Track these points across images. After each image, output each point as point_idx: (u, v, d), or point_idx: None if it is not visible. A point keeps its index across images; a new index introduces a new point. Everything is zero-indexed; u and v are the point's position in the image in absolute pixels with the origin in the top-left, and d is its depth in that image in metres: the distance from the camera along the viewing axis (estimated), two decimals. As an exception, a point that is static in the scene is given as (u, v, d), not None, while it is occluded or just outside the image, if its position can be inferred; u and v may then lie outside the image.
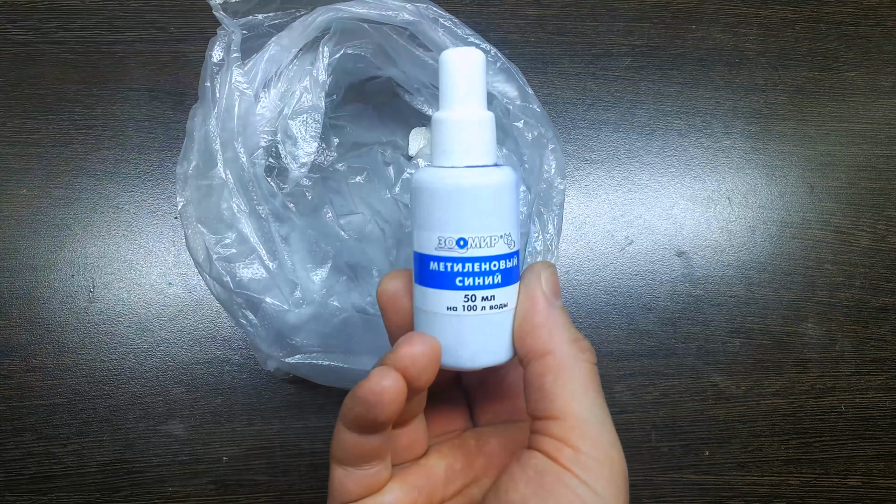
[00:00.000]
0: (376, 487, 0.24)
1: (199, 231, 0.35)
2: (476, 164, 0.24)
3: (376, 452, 0.24)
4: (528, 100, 0.36)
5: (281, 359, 0.36)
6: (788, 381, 0.47)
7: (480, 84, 0.24)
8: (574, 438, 0.22)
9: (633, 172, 0.48)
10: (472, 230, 0.23)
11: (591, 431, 0.22)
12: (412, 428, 0.26)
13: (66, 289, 0.44)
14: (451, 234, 0.23)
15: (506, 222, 0.23)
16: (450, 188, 0.23)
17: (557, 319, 0.23)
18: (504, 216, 0.23)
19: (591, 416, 0.22)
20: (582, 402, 0.22)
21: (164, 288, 0.44)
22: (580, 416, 0.22)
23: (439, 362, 0.23)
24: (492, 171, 0.23)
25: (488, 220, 0.23)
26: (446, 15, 0.36)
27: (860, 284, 0.48)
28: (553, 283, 0.24)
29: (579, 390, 0.23)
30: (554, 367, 0.23)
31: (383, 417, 0.22)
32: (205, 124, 0.35)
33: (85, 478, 0.43)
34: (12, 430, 0.43)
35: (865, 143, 0.50)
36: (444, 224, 0.23)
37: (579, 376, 0.23)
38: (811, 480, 0.46)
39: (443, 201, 0.23)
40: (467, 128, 0.24)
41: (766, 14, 0.51)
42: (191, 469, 0.43)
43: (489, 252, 0.23)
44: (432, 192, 0.23)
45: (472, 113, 0.24)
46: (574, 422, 0.22)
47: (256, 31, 0.37)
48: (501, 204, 0.23)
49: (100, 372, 0.43)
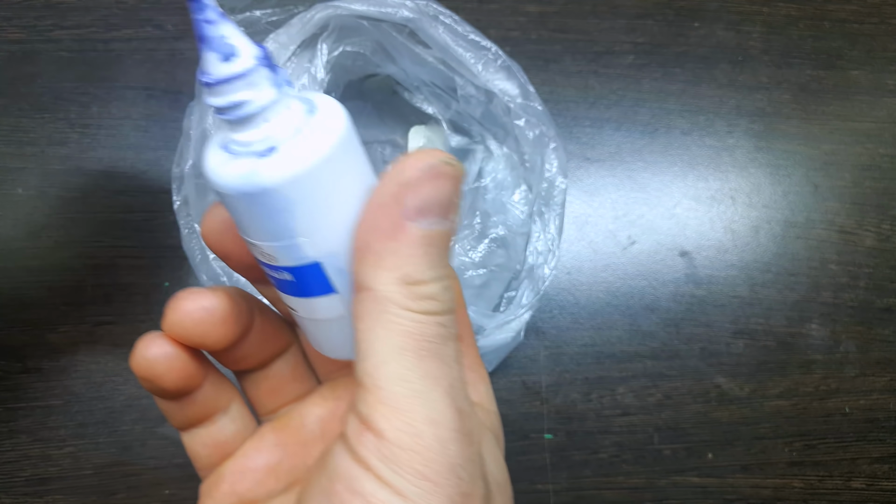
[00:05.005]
0: (231, 447, 0.21)
1: (195, 230, 0.34)
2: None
3: (201, 411, 0.20)
4: (530, 98, 0.36)
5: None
6: (792, 383, 0.46)
7: None
8: (377, 418, 0.16)
9: (636, 171, 0.48)
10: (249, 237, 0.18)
11: (399, 408, 0.16)
12: (271, 371, 0.22)
13: (62, 290, 0.44)
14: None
15: (248, 230, 0.17)
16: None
17: (400, 246, 0.16)
18: (240, 221, 0.17)
19: (401, 387, 0.16)
20: (394, 368, 0.16)
21: (161, 289, 0.44)
22: (387, 386, 0.16)
23: (225, 320, 0.19)
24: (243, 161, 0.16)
25: (236, 221, 0.18)
26: (446, 12, 0.35)
27: (865, 285, 0.48)
28: (424, 198, 0.16)
29: (393, 351, 0.16)
30: (369, 311, 0.17)
31: (170, 386, 0.19)
32: (202, 122, 0.34)
33: (81, 480, 0.42)
34: (8, 432, 0.42)
35: (870, 141, 0.50)
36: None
37: (399, 331, 0.16)
38: (815, 483, 0.46)
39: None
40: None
41: (770, 11, 0.51)
42: (188, 472, 0.42)
43: (256, 255, 0.18)
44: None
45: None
46: (379, 394, 0.16)
47: (254, 27, 0.36)
48: (230, 207, 0.17)
49: (96, 374, 0.43)
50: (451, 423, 0.16)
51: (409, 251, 0.16)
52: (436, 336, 0.17)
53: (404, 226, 0.16)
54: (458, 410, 0.17)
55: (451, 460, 0.16)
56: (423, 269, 0.17)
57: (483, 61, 0.35)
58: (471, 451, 0.17)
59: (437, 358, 0.17)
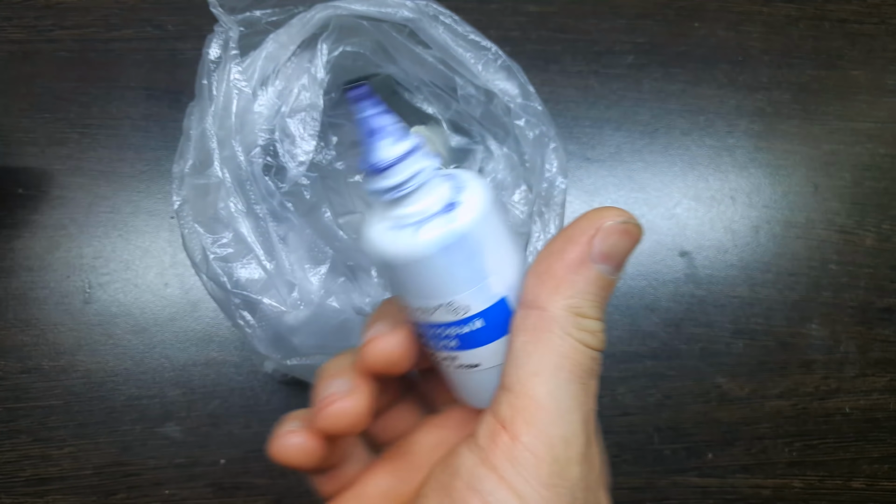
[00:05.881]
0: (352, 481, 0.23)
1: (195, 231, 0.34)
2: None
3: (331, 462, 0.22)
4: (530, 98, 0.36)
5: (278, 360, 0.35)
6: (793, 383, 0.46)
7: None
8: (518, 422, 0.18)
9: (636, 171, 0.48)
10: (409, 300, 0.20)
11: (542, 418, 0.17)
12: (388, 417, 0.24)
13: (61, 290, 0.44)
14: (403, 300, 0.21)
15: (441, 290, 0.19)
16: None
17: (579, 279, 0.18)
18: (435, 284, 0.19)
19: (549, 401, 0.18)
20: (546, 382, 0.18)
21: (161, 289, 0.44)
22: (536, 395, 0.18)
23: (365, 417, 0.20)
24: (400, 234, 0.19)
25: (414, 291, 0.20)
26: (446, 12, 0.35)
27: (865, 285, 0.48)
28: (611, 245, 0.18)
29: (550, 367, 0.18)
30: (535, 326, 0.18)
31: (308, 467, 0.21)
32: (202, 122, 0.34)
33: (81, 480, 0.42)
34: (8, 433, 0.42)
35: (870, 141, 0.50)
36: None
37: (559, 352, 0.18)
38: (815, 483, 0.46)
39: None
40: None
41: (770, 11, 0.50)
42: (188, 472, 0.43)
43: (434, 320, 0.20)
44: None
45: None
46: (526, 401, 0.18)
47: (254, 28, 0.36)
48: (432, 271, 0.19)
49: (96, 374, 0.43)
50: (581, 448, 0.18)
51: (586, 287, 0.18)
52: (588, 367, 0.18)
53: (588, 264, 0.18)
54: (588, 440, 0.18)
55: (572, 481, 0.17)
56: (591, 306, 0.19)
57: (483, 61, 0.35)
58: (590, 480, 0.18)
59: (584, 387, 0.18)
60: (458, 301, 0.19)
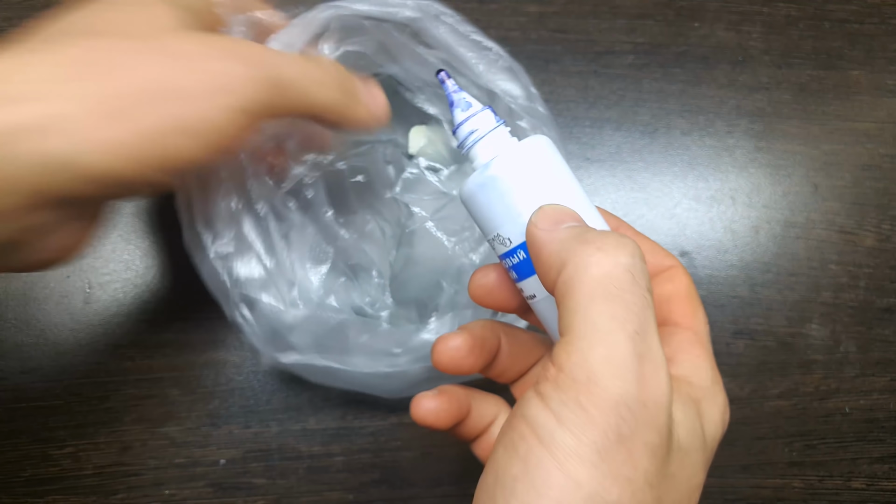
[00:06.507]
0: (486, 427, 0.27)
1: (196, 229, 0.34)
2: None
3: (476, 427, 0.27)
4: (533, 100, 0.36)
5: (276, 357, 0.35)
6: (792, 383, 0.46)
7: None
8: (561, 355, 0.18)
9: (636, 171, 0.48)
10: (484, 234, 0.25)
11: (582, 344, 0.18)
12: (529, 377, 0.27)
13: (61, 289, 0.43)
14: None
15: (491, 223, 0.24)
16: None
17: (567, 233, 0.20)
18: (487, 218, 0.24)
19: (586, 327, 0.18)
20: (582, 309, 0.18)
21: (161, 289, 0.44)
22: (574, 325, 0.18)
23: (471, 351, 0.24)
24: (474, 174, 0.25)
25: (480, 225, 0.25)
26: (448, 12, 0.35)
27: (865, 285, 0.48)
28: (552, 213, 0.22)
29: (583, 293, 0.18)
30: (573, 274, 0.19)
31: (444, 427, 0.25)
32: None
33: (81, 480, 0.42)
34: (8, 433, 0.42)
35: (870, 142, 0.50)
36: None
37: (589, 274, 0.18)
38: (815, 483, 0.46)
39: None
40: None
41: (770, 11, 0.51)
42: (188, 472, 0.42)
43: (498, 251, 0.25)
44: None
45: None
46: (569, 335, 0.18)
47: (256, 28, 0.36)
48: (480, 207, 0.24)
49: (96, 374, 0.43)
50: (625, 364, 0.17)
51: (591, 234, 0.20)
52: (622, 281, 0.18)
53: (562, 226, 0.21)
54: (637, 356, 0.17)
55: (615, 399, 0.17)
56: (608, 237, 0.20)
57: (485, 62, 0.35)
58: (644, 397, 0.17)
59: (622, 303, 0.18)
60: (503, 233, 0.24)
